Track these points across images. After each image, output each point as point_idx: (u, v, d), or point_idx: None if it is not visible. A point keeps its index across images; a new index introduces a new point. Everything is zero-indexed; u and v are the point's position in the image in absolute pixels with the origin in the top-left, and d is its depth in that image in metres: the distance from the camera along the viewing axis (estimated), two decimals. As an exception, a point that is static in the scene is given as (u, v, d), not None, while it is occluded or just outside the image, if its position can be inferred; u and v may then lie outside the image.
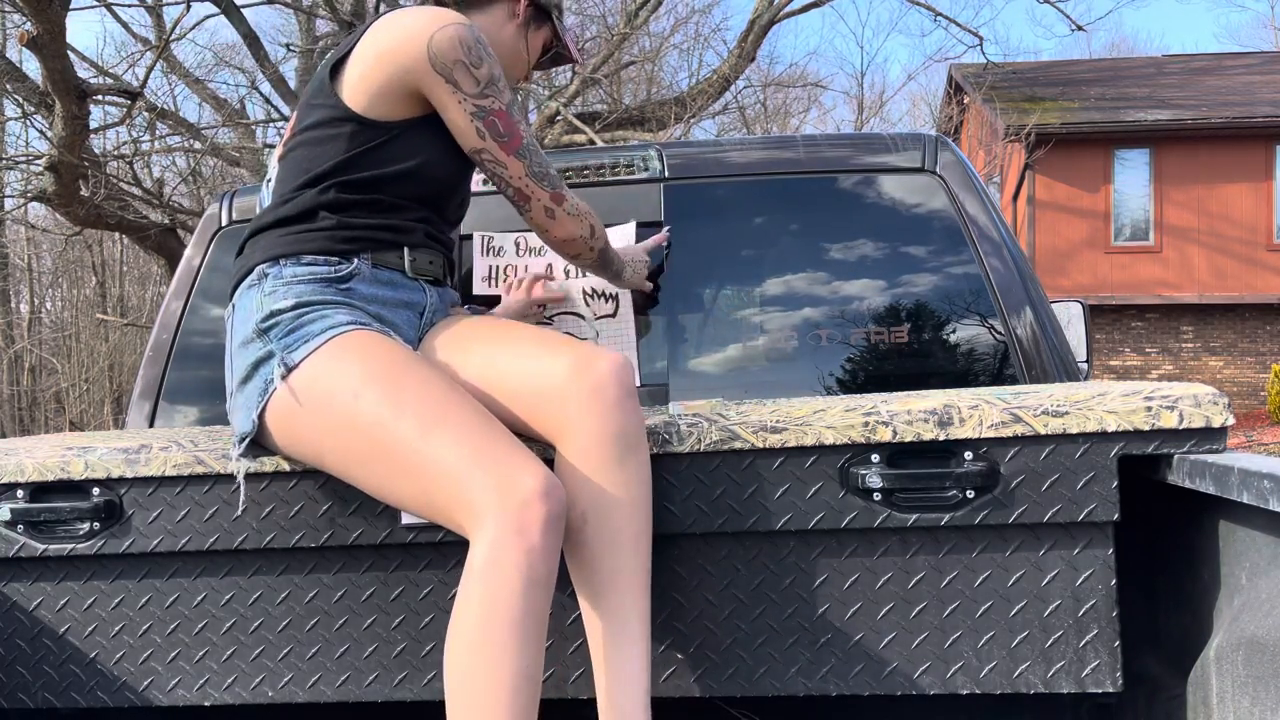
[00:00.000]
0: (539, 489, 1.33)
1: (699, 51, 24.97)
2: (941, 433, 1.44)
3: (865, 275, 2.22)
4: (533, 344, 1.51)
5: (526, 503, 1.32)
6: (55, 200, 7.16)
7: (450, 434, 1.36)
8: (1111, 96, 16.93)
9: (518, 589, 1.30)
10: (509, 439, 1.39)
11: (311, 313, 1.48)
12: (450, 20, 1.55)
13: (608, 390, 1.42)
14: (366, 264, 1.57)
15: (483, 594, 1.31)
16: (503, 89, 1.59)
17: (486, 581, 1.31)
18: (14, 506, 1.59)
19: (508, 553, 1.30)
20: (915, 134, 2.30)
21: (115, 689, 1.63)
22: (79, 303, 20.04)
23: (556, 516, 1.34)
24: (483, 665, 1.29)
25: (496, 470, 1.34)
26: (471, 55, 1.54)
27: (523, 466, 1.35)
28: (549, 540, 1.32)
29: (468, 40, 1.54)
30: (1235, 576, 1.33)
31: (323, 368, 1.42)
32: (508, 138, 1.59)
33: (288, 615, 1.59)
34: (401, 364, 1.43)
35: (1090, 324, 2.62)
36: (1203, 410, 1.40)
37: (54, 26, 5.70)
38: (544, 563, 1.32)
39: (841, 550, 1.50)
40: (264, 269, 1.54)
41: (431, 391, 1.40)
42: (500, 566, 1.31)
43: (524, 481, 1.33)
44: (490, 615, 1.30)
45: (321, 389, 1.41)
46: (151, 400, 2.32)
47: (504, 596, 1.30)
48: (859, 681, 1.50)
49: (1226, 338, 15.90)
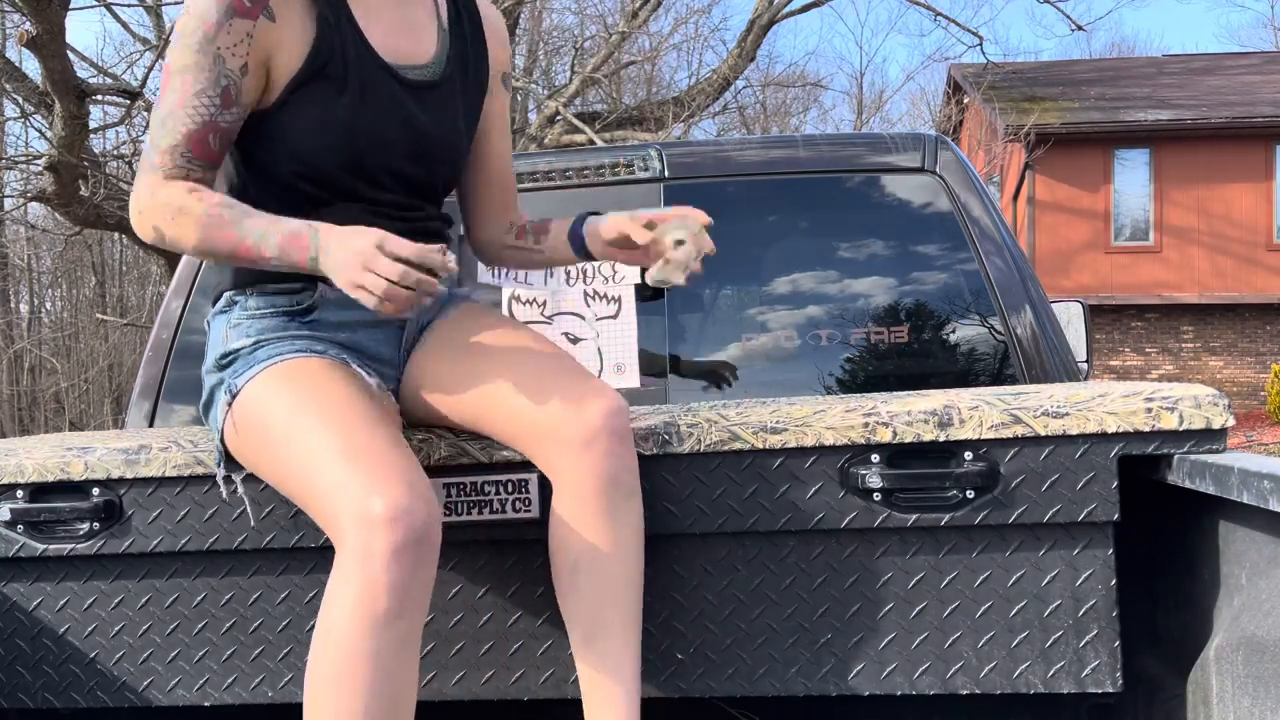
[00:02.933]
0: (386, 514, 1.21)
1: (699, 51, 24.97)
2: (941, 433, 1.44)
3: (865, 275, 2.22)
4: (531, 377, 1.44)
5: (371, 528, 1.21)
6: (55, 200, 7.15)
7: (335, 455, 1.28)
8: (1111, 96, 16.92)
9: (349, 626, 1.21)
10: (388, 458, 1.28)
11: (265, 348, 1.46)
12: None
13: (600, 438, 1.38)
14: (334, 289, 1.44)
15: (320, 627, 1.24)
16: (175, 41, 1.41)
17: (325, 614, 1.24)
18: (14, 507, 1.59)
19: (348, 585, 1.22)
20: (915, 134, 2.30)
21: (115, 689, 1.63)
22: (79, 303, 20.04)
23: (406, 544, 1.21)
24: (311, 705, 1.24)
25: (353, 491, 1.24)
26: None
27: (375, 488, 1.23)
28: (396, 572, 1.21)
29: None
30: (1235, 576, 1.33)
31: (258, 392, 1.40)
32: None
33: (288, 615, 1.59)
34: (324, 388, 1.37)
35: (1090, 324, 2.62)
36: (1203, 411, 1.40)
37: (53, 26, 5.70)
38: (389, 596, 1.21)
39: (841, 550, 1.50)
40: (231, 296, 1.52)
41: (342, 415, 1.33)
42: (337, 599, 1.23)
43: (371, 505, 1.21)
44: (322, 651, 1.23)
45: (253, 412, 1.40)
46: (151, 399, 2.32)
47: (337, 632, 1.22)
48: (859, 681, 1.50)
49: (1226, 338, 15.89)
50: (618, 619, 1.41)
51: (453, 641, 1.57)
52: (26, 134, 15.80)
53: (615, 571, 1.41)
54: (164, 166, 1.39)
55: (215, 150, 1.41)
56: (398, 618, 1.22)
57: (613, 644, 1.41)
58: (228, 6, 1.36)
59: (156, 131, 1.39)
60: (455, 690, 1.57)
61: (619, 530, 1.41)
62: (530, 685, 1.56)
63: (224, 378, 1.47)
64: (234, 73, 1.38)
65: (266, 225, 1.35)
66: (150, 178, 1.40)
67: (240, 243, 1.35)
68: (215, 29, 1.36)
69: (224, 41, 1.36)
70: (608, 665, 1.41)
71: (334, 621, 1.22)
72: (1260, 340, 15.84)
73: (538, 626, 1.56)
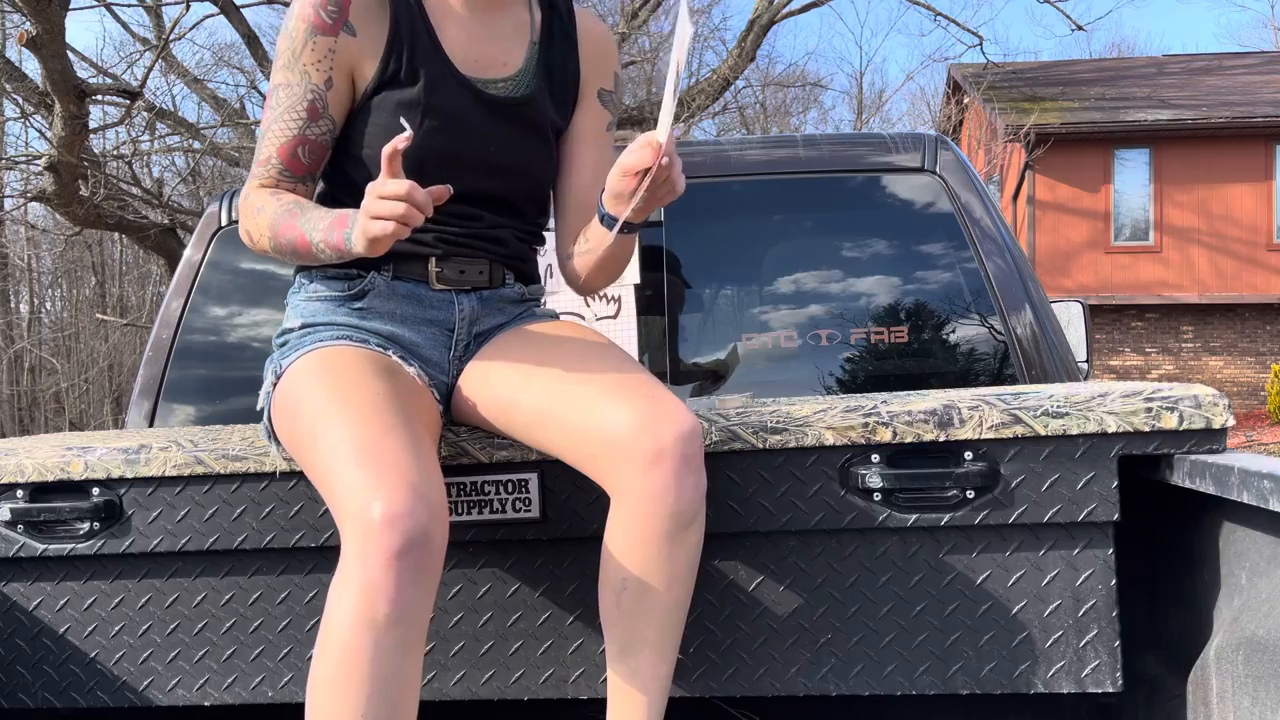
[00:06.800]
0: (385, 518, 1.19)
1: (698, 51, 24.95)
2: (941, 433, 1.44)
3: (865, 275, 2.22)
4: (598, 388, 1.38)
5: (369, 531, 1.20)
6: (55, 200, 7.15)
7: (347, 456, 1.27)
8: (1111, 96, 16.92)
9: (349, 630, 1.20)
10: (396, 460, 1.26)
11: (311, 333, 1.51)
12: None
13: (667, 461, 1.31)
14: (384, 278, 1.51)
15: (322, 631, 1.23)
16: (274, 62, 1.50)
17: (327, 617, 1.23)
18: (14, 506, 1.59)
19: (348, 588, 1.21)
20: (915, 134, 2.30)
21: (115, 689, 1.63)
22: (79, 303, 20.04)
23: (405, 549, 1.19)
24: (312, 708, 1.23)
25: (357, 494, 1.23)
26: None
27: (378, 491, 1.21)
28: (395, 577, 1.19)
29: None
30: (1235, 576, 1.33)
31: (294, 379, 1.43)
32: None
33: (288, 615, 1.59)
34: (352, 382, 1.37)
35: (1090, 324, 2.62)
36: (1203, 411, 1.40)
37: (53, 26, 5.70)
38: (387, 601, 1.19)
39: (841, 550, 1.50)
40: (300, 278, 1.59)
41: (361, 412, 1.32)
42: (338, 602, 1.22)
43: (371, 509, 1.20)
44: (322, 654, 1.22)
45: (287, 399, 1.42)
46: (151, 399, 2.32)
47: (337, 637, 1.21)
48: (859, 681, 1.50)
49: (1226, 338, 15.90)
50: (655, 637, 1.38)
51: (453, 641, 1.57)
52: (26, 134, 15.82)
53: (663, 597, 1.37)
54: (259, 176, 1.48)
55: (305, 162, 1.48)
56: (397, 623, 1.21)
57: (646, 659, 1.39)
58: (311, 25, 1.44)
59: (258, 145, 1.49)
60: (455, 690, 1.57)
61: (673, 559, 1.35)
62: (530, 685, 1.56)
63: (275, 357, 1.52)
64: (319, 87, 1.46)
65: (321, 214, 1.39)
66: (246, 186, 1.49)
67: (300, 235, 1.39)
68: (301, 47, 1.45)
69: (308, 58, 1.45)
70: (638, 679, 1.39)
71: (334, 625, 1.22)
72: (1260, 340, 15.84)
73: (538, 626, 1.56)
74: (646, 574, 1.35)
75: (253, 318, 2.39)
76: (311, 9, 1.44)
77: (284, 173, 1.47)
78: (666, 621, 1.38)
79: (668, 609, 1.38)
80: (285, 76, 1.46)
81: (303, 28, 1.44)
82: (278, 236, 1.42)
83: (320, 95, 1.46)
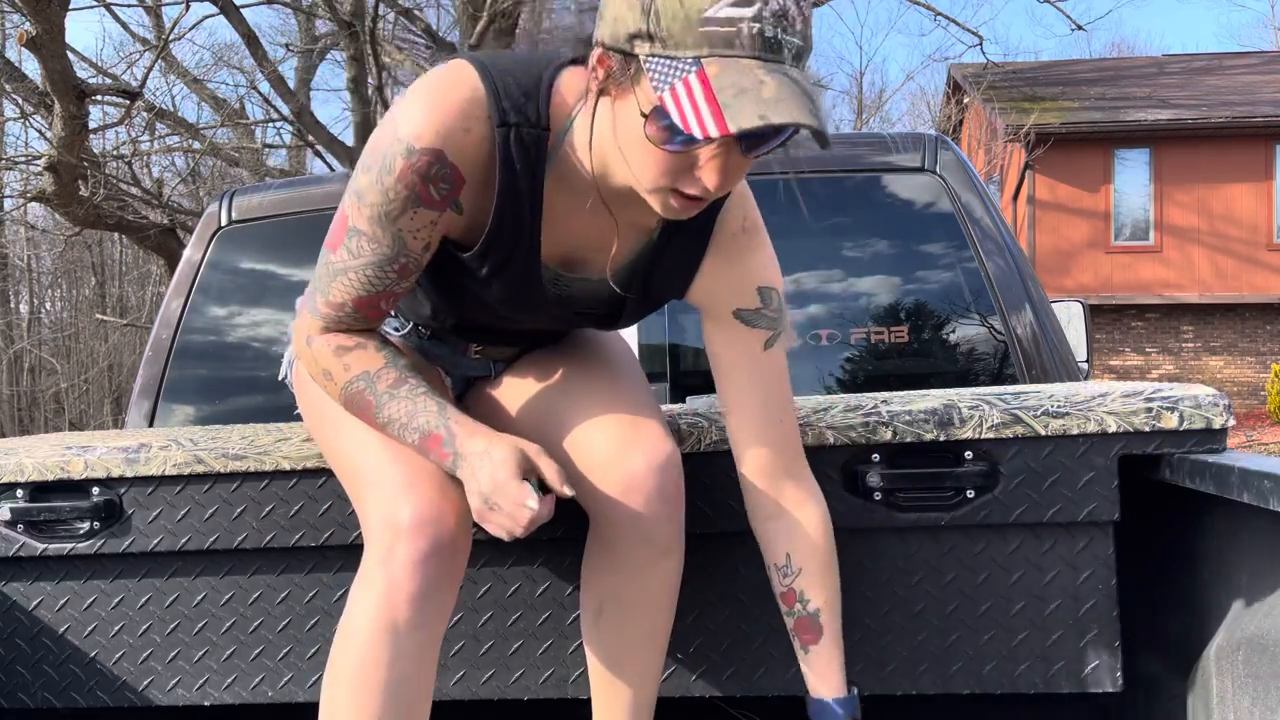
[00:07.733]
0: (413, 521, 1.19)
1: (699, 51, 24.84)
2: (942, 433, 1.44)
3: (865, 275, 2.22)
4: (584, 409, 1.37)
5: (397, 534, 1.19)
6: (55, 200, 7.15)
7: (375, 454, 1.27)
8: (1111, 96, 16.92)
9: (369, 632, 1.19)
10: (425, 461, 1.25)
11: None
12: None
13: (638, 492, 1.30)
14: (423, 337, 1.47)
15: (341, 630, 1.23)
16: (356, 197, 1.23)
17: (347, 616, 1.23)
18: (14, 506, 1.59)
19: (370, 590, 1.20)
20: (915, 133, 2.30)
21: (115, 689, 1.63)
22: (79, 303, 20.06)
23: (430, 553, 1.20)
24: (327, 705, 1.23)
25: (384, 494, 1.23)
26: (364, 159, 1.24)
27: (406, 494, 1.22)
28: (419, 581, 1.19)
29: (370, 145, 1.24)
30: (1235, 576, 1.33)
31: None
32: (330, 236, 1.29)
33: (288, 615, 1.59)
34: None
35: (1090, 324, 2.62)
36: (1203, 411, 1.40)
37: (53, 26, 5.70)
38: (410, 605, 1.19)
39: (841, 550, 1.50)
40: None
41: None
42: (359, 603, 1.21)
43: (399, 512, 1.20)
44: (341, 653, 1.22)
45: (309, 381, 1.42)
46: (151, 399, 2.32)
47: (357, 637, 1.21)
48: (859, 681, 1.50)
49: (1226, 337, 15.90)
50: (634, 672, 1.39)
51: (453, 641, 1.57)
52: (26, 134, 15.82)
53: (639, 625, 1.37)
54: (326, 318, 1.29)
55: (384, 310, 1.30)
56: (418, 627, 1.20)
57: (626, 688, 1.40)
58: (413, 194, 1.19)
59: (325, 278, 1.27)
60: (455, 690, 1.57)
61: (647, 586, 1.35)
62: (530, 685, 1.56)
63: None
64: (414, 253, 1.25)
65: (404, 418, 1.25)
66: (307, 320, 1.31)
67: (379, 426, 1.28)
68: (399, 212, 1.21)
69: (407, 225, 1.22)
70: (617, 707, 1.40)
71: (354, 626, 1.21)
72: (1260, 340, 15.84)
73: (538, 626, 1.56)
74: (622, 600, 1.37)
75: (253, 318, 2.39)
76: (420, 180, 1.18)
77: (358, 320, 1.30)
78: (648, 647, 1.39)
79: (647, 636, 1.38)
80: (373, 230, 1.22)
81: (404, 194, 1.19)
82: (352, 411, 1.30)
83: (414, 259, 1.25)
